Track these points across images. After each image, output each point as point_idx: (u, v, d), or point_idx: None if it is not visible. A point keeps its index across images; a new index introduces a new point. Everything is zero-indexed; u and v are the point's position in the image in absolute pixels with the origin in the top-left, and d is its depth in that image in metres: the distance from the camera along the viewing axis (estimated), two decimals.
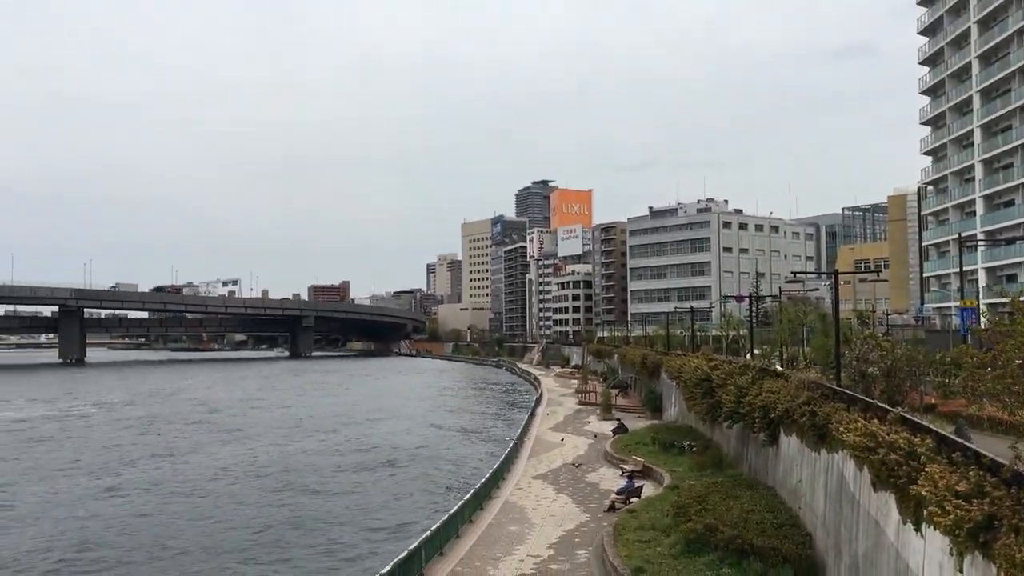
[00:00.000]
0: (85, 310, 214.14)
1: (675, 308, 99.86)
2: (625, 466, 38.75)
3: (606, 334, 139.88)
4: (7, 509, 37.97)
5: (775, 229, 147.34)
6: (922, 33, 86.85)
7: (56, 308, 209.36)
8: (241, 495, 40.56)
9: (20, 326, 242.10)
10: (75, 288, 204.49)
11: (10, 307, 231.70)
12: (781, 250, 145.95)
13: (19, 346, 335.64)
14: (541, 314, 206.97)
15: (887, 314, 69.45)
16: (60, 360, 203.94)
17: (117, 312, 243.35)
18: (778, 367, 34.83)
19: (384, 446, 57.22)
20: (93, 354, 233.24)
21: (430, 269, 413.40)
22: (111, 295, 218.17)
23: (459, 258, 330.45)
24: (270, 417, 77.28)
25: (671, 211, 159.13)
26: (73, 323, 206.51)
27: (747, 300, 58.29)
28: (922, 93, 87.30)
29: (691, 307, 74.31)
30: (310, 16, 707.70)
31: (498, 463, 38.41)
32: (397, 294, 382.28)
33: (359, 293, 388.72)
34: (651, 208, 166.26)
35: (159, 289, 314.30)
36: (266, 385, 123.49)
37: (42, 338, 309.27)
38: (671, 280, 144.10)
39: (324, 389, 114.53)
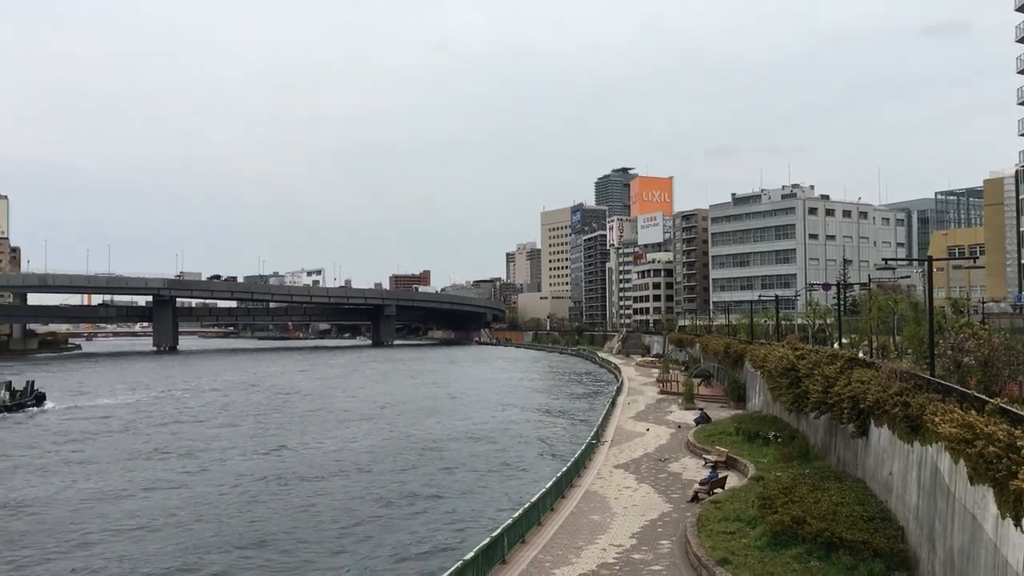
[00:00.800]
0: (177, 299, 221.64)
1: (759, 296, 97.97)
2: (708, 456, 38.30)
3: (687, 323, 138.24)
4: (99, 498, 39.58)
5: (863, 215, 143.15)
6: (1020, 10, 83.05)
7: (150, 298, 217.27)
8: (326, 481, 41.44)
9: (117, 315, 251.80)
10: (168, 278, 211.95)
11: (108, 297, 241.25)
12: (870, 237, 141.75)
13: (116, 334, 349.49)
14: (621, 303, 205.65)
15: (983, 302, 66.88)
16: (154, 348, 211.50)
17: (207, 301, 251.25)
18: (867, 357, 33.91)
19: (465, 435, 57.73)
20: (185, 342, 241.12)
21: (509, 258, 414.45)
22: (201, 285, 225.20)
23: (538, 247, 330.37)
24: (354, 404, 78.80)
25: (754, 197, 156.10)
26: (166, 312, 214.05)
27: (834, 288, 56.87)
28: (1020, 72, 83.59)
29: (775, 295, 72.79)
30: (397, 5, 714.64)
31: (579, 452, 38.38)
32: (477, 283, 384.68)
33: (439, 282, 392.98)
34: (734, 195, 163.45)
35: (247, 279, 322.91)
36: (349, 373, 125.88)
37: (137, 327, 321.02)
38: (754, 268, 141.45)
39: (405, 377, 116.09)
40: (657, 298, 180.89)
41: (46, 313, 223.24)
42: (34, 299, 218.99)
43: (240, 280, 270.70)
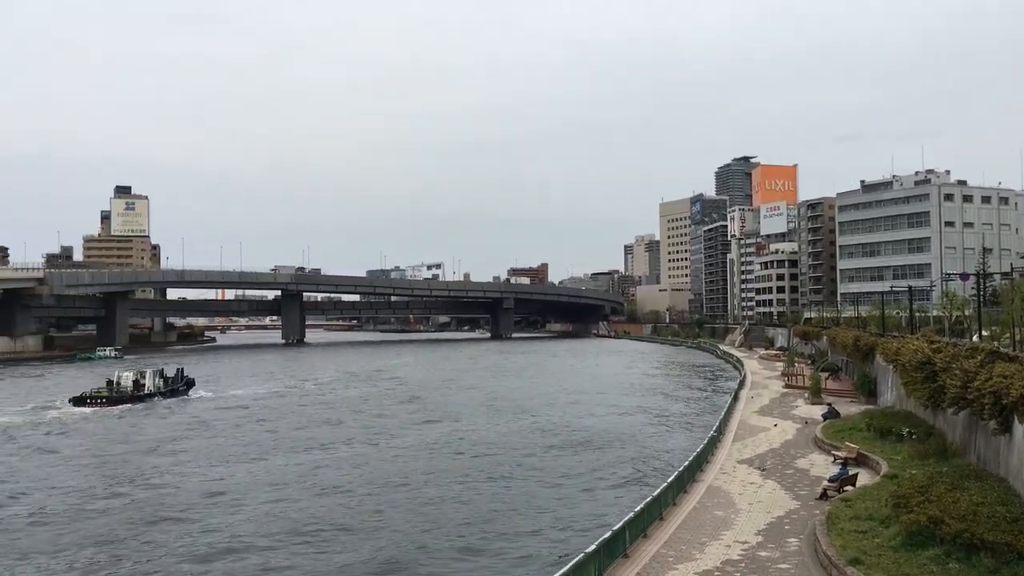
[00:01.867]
0: (304, 294, 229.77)
1: (891, 287, 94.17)
2: (837, 453, 37.03)
3: (813, 315, 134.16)
4: (248, 480, 41.37)
5: (1004, 200, 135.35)
6: None
7: (279, 292, 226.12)
8: (447, 473, 42.05)
9: (248, 309, 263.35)
10: (295, 273, 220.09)
11: (240, 292, 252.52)
12: (1012, 223, 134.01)
13: (247, 328, 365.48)
14: (743, 295, 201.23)
15: None
16: (283, 341, 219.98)
17: (332, 296, 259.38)
18: (1010, 350, 32.04)
19: (585, 427, 57.62)
20: (311, 335, 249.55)
21: (627, 250, 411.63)
22: (327, 279, 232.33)
23: (657, 238, 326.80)
24: (472, 396, 79.81)
25: (885, 184, 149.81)
26: (294, 306, 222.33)
27: (973, 278, 54.00)
28: None
29: (908, 286, 69.76)
30: None
31: (701, 446, 37.74)
32: (595, 276, 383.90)
33: (557, 275, 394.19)
34: (863, 182, 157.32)
35: (369, 273, 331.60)
36: (468, 365, 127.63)
37: (267, 320, 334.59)
38: (885, 258, 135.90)
39: (523, 369, 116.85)
40: (781, 290, 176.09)
41: (184, 307, 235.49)
42: (173, 294, 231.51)
43: (363, 275, 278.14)
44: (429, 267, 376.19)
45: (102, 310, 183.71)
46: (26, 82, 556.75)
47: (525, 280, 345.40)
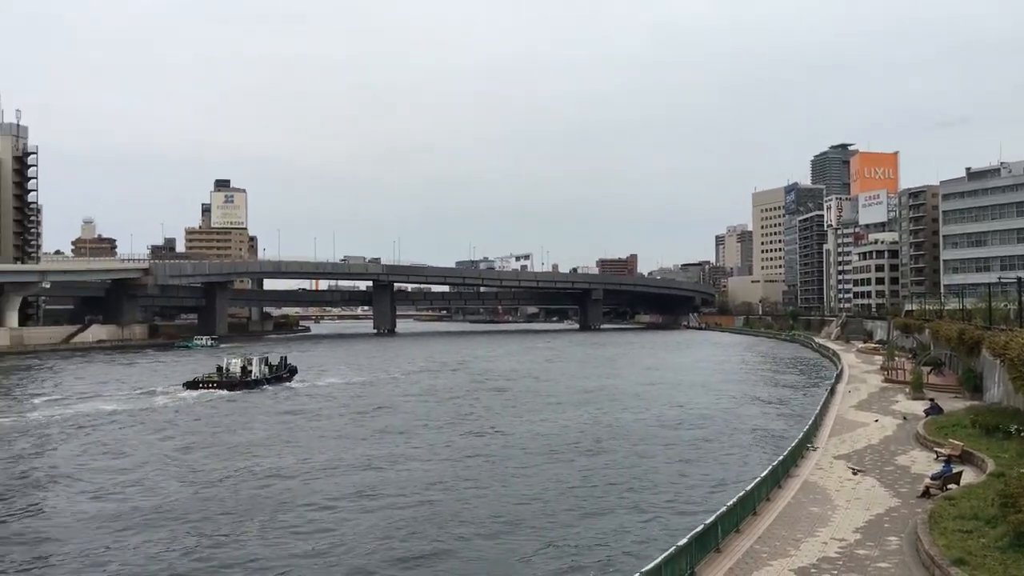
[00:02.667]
0: (395, 284, 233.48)
1: (998, 279, 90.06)
2: (941, 450, 35.61)
3: (914, 307, 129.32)
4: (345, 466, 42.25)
5: None
6: None
7: (371, 283, 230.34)
8: (535, 465, 42.09)
9: (341, 299, 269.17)
10: (386, 264, 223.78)
11: (333, 282, 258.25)
12: None
13: (340, 317, 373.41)
14: (840, 286, 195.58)
15: None
16: (374, 331, 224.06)
17: (422, 286, 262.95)
18: None
19: (674, 420, 56.97)
20: (402, 325, 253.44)
21: (719, 241, 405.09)
22: (417, 270, 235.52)
23: (749, 229, 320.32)
24: (561, 387, 79.77)
25: (992, 172, 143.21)
26: (385, 296, 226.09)
27: None
28: None
29: (1018, 277, 66.51)
30: None
31: (796, 440, 36.82)
32: (685, 267, 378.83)
33: (646, 266, 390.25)
34: (968, 169, 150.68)
35: (459, 264, 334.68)
36: (556, 356, 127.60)
37: (359, 310, 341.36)
38: (992, 248, 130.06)
39: (612, 361, 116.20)
40: (880, 281, 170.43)
41: (280, 297, 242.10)
42: (269, 284, 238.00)
43: (452, 266, 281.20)
44: (518, 258, 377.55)
45: (203, 299, 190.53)
46: (132, 82, 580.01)
47: (614, 271, 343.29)
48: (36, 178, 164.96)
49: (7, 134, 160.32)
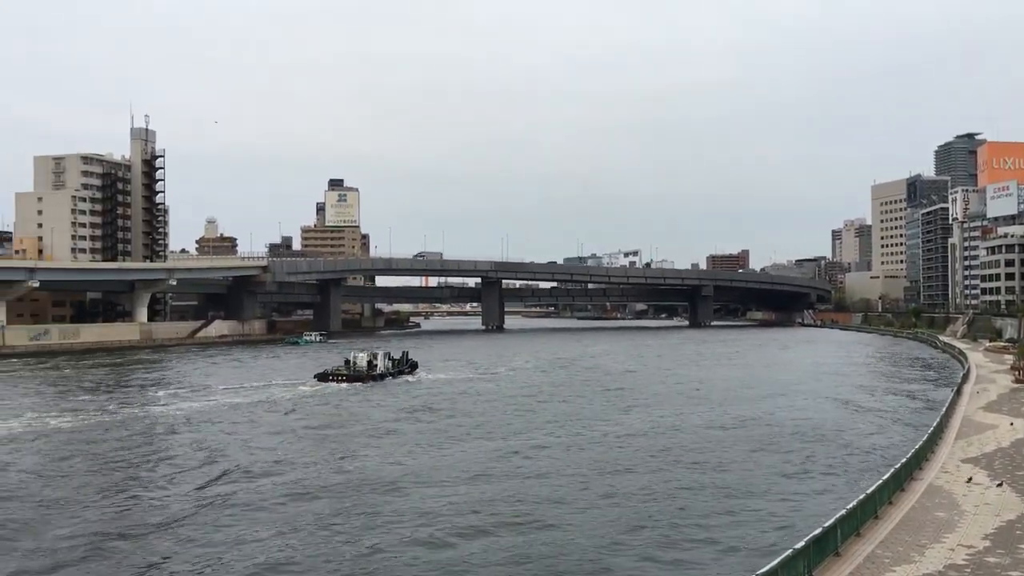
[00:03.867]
0: (503, 281, 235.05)
1: None
2: None
3: None
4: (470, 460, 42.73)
5: None
6: None
7: (479, 279, 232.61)
8: (636, 463, 41.59)
9: (450, 296, 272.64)
10: (495, 261, 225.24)
11: (442, 279, 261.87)
12: None
13: (449, 314, 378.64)
14: (966, 282, 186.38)
15: None
16: (483, 327, 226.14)
17: (530, 283, 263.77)
18: None
19: (790, 419, 55.41)
20: (509, 321, 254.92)
21: (835, 235, 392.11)
22: (524, 267, 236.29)
23: (868, 222, 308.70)
24: (671, 385, 78.52)
25: None
26: (493, 293, 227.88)
27: None
28: None
29: None
30: None
31: (920, 443, 35.18)
32: (799, 262, 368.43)
33: (758, 262, 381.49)
34: None
35: (566, 261, 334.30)
36: (666, 353, 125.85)
37: (467, 307, 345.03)
38: None
39: (724, 359, 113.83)
40: (1010, 277, 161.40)
41: (391, 294, 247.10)
42: (381, 281, 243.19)
43: (560, 262, 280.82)
44: (626, 254, 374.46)
45: (318, 296, 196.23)
46: (245, 83, 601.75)
47: (724, 267, 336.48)
48: (163, 180, 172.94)
49: (137, 139, 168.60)
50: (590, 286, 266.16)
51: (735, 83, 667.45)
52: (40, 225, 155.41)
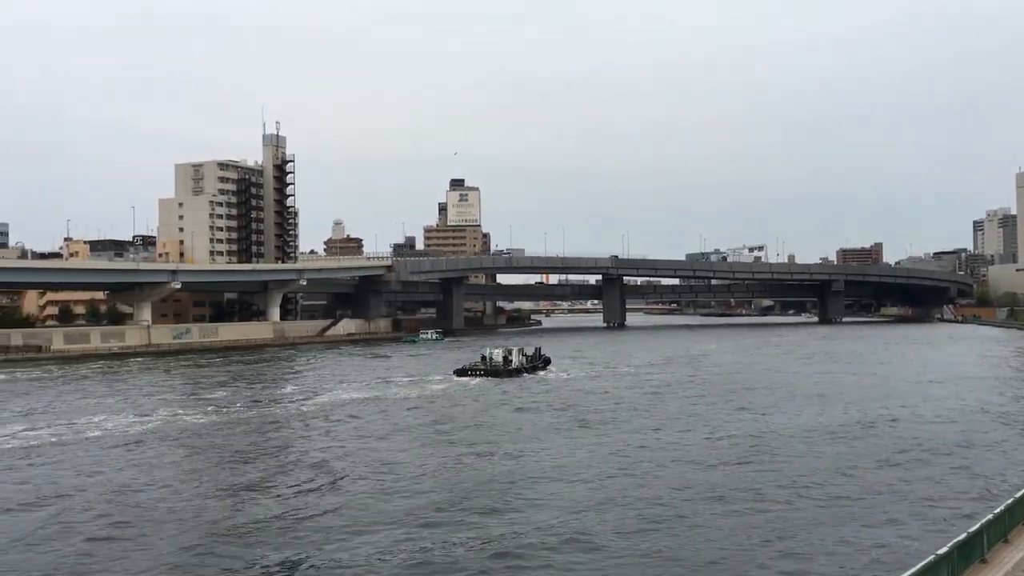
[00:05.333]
0: (624, 278, 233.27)
1: None
2: None
3: None
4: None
5: None
6: None
7: (599, 276, 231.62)
8: (772, 466, 40.25)
9: (570, 293, 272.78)
10: (615, 258, 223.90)
11: (563, 276, 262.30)
12: None
13: (570, 311, 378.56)
14: None
15: None
16: (604, 324, 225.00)
17: (651, 279, 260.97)
18: None
19: (933, 419, 52.60)
20: (631, 318, 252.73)
21: (976, 226, 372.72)
22: (646, 263, 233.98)
23: (1013, 212, 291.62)
24: (798, 386, 75.38)
25: None
26: (614, 290, 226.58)
27: None
28: None
29: None
30: None
31: None
32: (937, 255, 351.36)
33: (892, 255, 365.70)
34: None
35: (689, 257, 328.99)
36: (793, 351, 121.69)
37: (588, 304, 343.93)
38: None
39: (859, 357, 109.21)
40: None
41: (512, 292, 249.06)
42: (502, 279, 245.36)
43: (682, 258, 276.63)
44: (751, 249, 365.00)
45: (440, 295, 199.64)
46: (367, 85, 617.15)
47: (856, 261, 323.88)
48: (293, 184, 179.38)
49: (268, 145, 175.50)
50: (713, 282, 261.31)
51: (867, 68, 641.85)
52: (181, 229, 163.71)
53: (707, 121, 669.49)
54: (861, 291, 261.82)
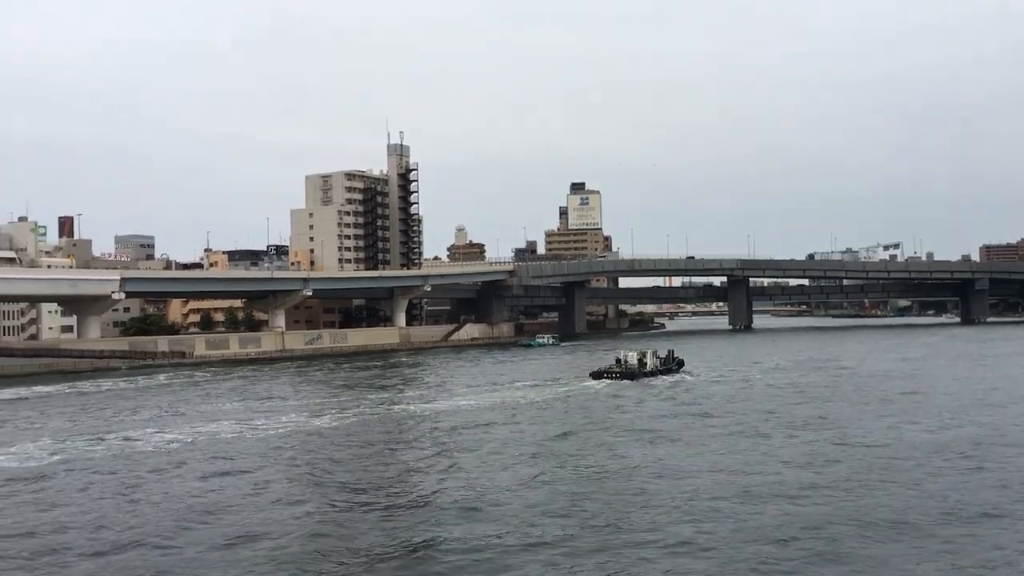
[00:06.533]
0: (750, 279, 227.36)
1: None
2: None
3: None
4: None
5: None
6: None
7: (724, 278, 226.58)
8: (911, 474, 38.06)
9: (695, 295, 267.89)
10: (741, 259, 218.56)
11: (686, 279, 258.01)
12: None
13: (694, 314, 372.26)
14: None
15: None
16: (730, 327, 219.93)
17: (779, 280, 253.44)
18: None
19: None
20: (758, 320, 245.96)
21: None
22: (772, 264, 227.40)
23: None
24: (951, 391, 71.33)
25: None
26: (740, 292, 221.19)
27: None
28: None
29: None
30: None
31: None
32: None
33: None
34: None
35: (819, 256, 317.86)
36: (934, 354, 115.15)
37: (713, 306, 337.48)
38: None
39: (1011, 358, 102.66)
40: None
41: (634, 295, 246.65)
42: (624, 282, 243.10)
43: (810, 258, 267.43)
44: (885, 247, 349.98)
45: (562, 298, 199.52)
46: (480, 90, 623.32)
47: (1002, 258, 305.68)
48: (417, 191, 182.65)
49: (393, 154, 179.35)
50: (845, 282, 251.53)
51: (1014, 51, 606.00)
52: (311, 238, 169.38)
53: (836, 115, 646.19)
54: (1008, 290, 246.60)
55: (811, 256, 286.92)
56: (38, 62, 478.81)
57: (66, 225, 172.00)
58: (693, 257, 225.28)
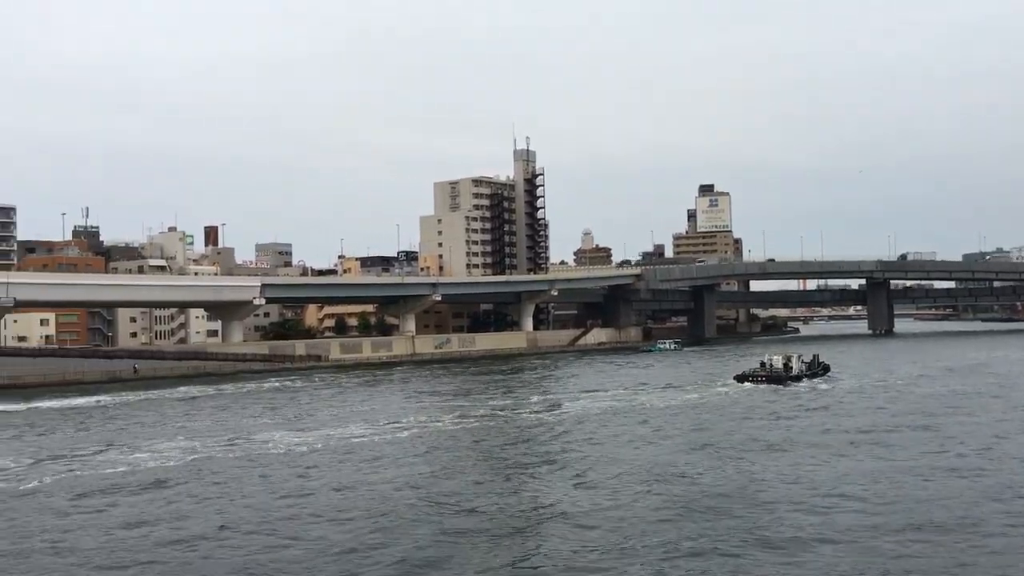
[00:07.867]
0: (891, 281, 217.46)
1: None
2: None
3: None
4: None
5: None
6: None
7: (863, 281, 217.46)
8: None
9: (831, 299, 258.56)
10: (880, 260, 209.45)
11: (822, 281, 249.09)
12: None
13: (831, 318, 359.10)
14: None
15: None
16: (869, 331, 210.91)
17: (922, 282, 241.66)
18: None
19: None
20: (900, 325, 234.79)
21: None
22: (915, 266, 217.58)
23: None
24: None
25: None
26: (880, 295, 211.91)
27: None
28: None
29: None
30: None
31: None
32: None
33: None
34: None
35: (965, 257, 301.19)
36: None
37: (851, 310, 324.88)
38: None
39: None
40: None
41: (766, 299, 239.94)
42: (756, 286, 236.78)
43: (958, 259, 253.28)
44: None
45: (691, 302, 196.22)
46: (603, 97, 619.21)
47: None
48: (543, 196, 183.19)
49: (519, 160, 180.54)
50: (996, 284, 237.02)
51: None
52: (440, 244, 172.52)
53: (980, 109, 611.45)
54: None
55: (968, 256, 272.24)
56: (195, 87, 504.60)
57: (211, 234, 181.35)
58: (828, 260, 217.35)
